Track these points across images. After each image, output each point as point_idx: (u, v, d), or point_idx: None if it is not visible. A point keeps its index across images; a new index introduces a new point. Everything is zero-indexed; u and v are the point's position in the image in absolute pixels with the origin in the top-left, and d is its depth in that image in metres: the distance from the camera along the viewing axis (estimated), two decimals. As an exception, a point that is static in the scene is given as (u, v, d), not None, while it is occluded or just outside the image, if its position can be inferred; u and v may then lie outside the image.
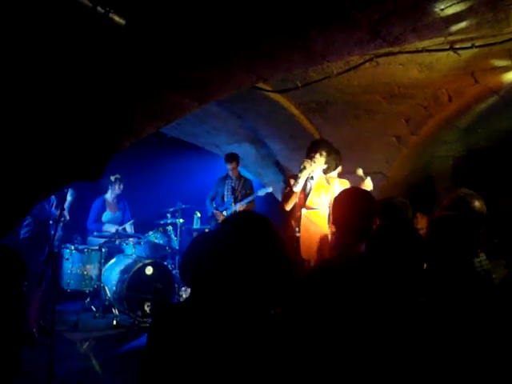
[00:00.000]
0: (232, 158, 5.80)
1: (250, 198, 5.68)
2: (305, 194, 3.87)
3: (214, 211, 5.87)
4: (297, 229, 3.79)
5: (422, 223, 3.37)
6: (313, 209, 3.84)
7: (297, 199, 3.83)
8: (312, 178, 3.89)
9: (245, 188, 5.86)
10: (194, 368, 1.15)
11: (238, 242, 1.23)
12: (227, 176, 5.93)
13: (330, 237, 3.74)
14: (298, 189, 3.80)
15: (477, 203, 2.40)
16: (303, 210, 3.83)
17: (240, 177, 5.95)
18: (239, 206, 5.65)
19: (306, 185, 3.87)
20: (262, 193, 5.64)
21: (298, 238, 3.76)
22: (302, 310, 1.76)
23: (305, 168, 3.77)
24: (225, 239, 1.25)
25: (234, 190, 5.80)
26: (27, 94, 1.94)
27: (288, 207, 3.84)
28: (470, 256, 1.94)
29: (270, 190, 5.70)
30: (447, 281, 1.84)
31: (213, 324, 1.18)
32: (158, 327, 1.24)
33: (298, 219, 3.82)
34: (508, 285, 1.93)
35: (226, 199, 5.84)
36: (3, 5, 1.72)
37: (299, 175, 3.78)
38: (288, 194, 3.85)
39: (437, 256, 1.89)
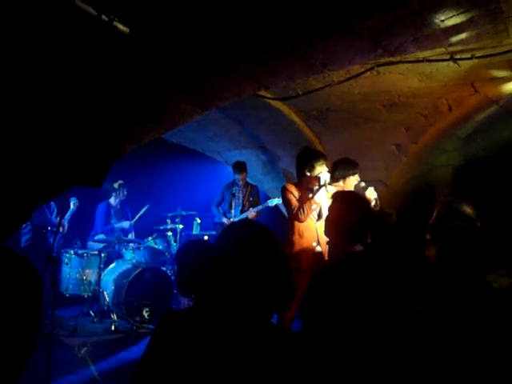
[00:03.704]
0: (242, 167, 5.75)
1: (260, 207, 5.61)
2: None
3: (224, 220, 5.78)
4: (314, 243, 3.61)
5: None
6: None
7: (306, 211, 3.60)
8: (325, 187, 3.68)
9: (252, 195, 5.82)
10: (195, 372, 1.16)
11: (240, 250, 1.24)
12: (234, 183, 5.87)
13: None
14: (319, 199, 3.61)
15: (469, 210, 2.45)
16: (318, 223, 3.64)
17: (247, 184, 5.91)
18: (250, 214, 5.60)
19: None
20: (271, 204, 5.54)
21: (321, 253, 3.58)
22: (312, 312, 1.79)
23: (325, 181, 3.61)
24: (227, 248, 1.27)
25: (241, 197, 5.77)
26: (31, 99, 1.96)
27: (306, 218, 3.62)
28: (487, 268, 1.86)
29: (280, 201, 5.62)
30: (460, 292, 1.76)
31: (216, 330, 1.19)
32: (162, 330, 1.25)
33: (314, 232, 3.64)
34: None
35: (233, 207, 5.75)
36: (10, 9, 1.75)
37: (318, 188, 3.61)
38: (307, 205, 3.59)
39: (452, 267, 1.81)
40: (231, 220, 5.62)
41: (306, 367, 1.24)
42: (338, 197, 2.33)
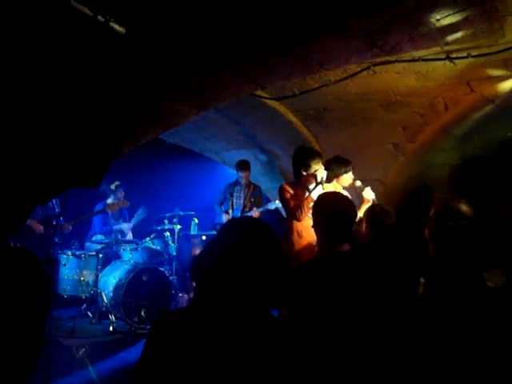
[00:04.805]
0: (246, 166, 5.71)
1: (261, 209, 5.58)
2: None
3: (225, 219, 5.75)
4: (314, 243, 3.51)
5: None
6: None
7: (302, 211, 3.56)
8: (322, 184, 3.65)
9: (254, 196, 5.79)
10: (194, 372, 1.16)
11: (242, 246, 1.25)
12: (237, 182, 5.84)
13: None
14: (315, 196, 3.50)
15: (465, 208, 2.46)
16: None
17: (249, 184, 5.87)
18: (254, 214, 5.55)
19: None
20: (272, 206, 5.51)
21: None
22: (295, 308, 1.81)
23: (322, 179, 3.60)
24: (229, 243, 1.27)
25: (242, 197, 5.75)
26: (28, 100, 1.96)
27: (305, 217, 3.58)
28: (484, 267, 1.86)
29: (280, 204, 5.58)
30: (456, 291, 1.76)
31: (214, 327, 1.20)
32: (157, 332, 1.25)
33: (313, 231, 3.60)
34: (508, 292, 1.93)
35: (235, 206, 5.73)
36: (4, 9, 1.75)
37: (315, 186, 3.59)
38: (305, 204, 3.55)
39: (449, 266, 1.80)
40: None
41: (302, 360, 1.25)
42: (323, 197, 2.37)
